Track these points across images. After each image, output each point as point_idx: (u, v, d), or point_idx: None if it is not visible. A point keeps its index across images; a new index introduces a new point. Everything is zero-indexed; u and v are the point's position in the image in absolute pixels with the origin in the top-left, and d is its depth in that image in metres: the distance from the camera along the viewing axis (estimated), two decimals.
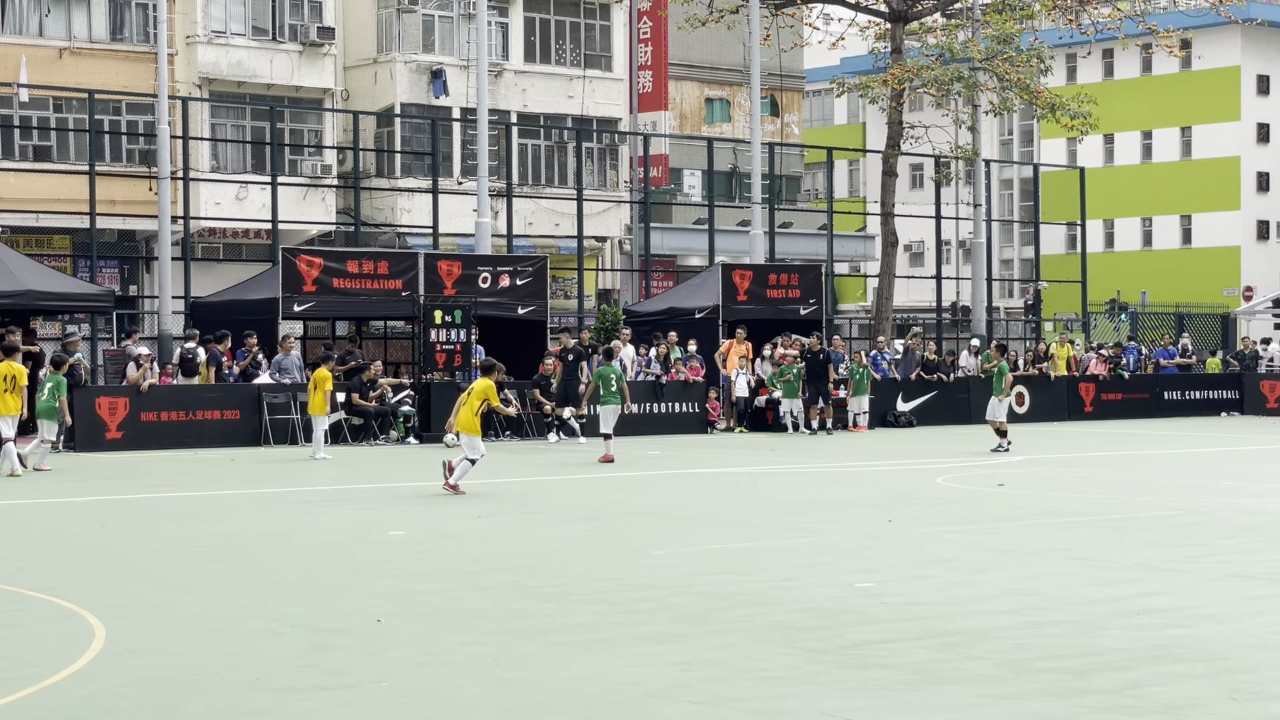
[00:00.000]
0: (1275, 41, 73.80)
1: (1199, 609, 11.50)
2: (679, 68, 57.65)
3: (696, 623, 11.01)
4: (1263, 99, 74.07)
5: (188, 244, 37.85)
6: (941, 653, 9.89)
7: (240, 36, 47.44)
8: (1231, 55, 73.14)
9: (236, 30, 47.48)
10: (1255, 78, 73.94)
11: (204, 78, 46.55)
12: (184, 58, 46.49)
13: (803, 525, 17.18)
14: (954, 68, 42.94)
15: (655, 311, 39.05)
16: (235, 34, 47.40)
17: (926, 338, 45.61)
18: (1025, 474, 23.99)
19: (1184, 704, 8.46)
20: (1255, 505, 19.03)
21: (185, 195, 37.68)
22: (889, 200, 44.31)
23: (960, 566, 13.80)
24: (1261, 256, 71.18)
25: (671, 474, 24.26)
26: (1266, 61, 74.11)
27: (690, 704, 8.57)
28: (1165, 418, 41.81)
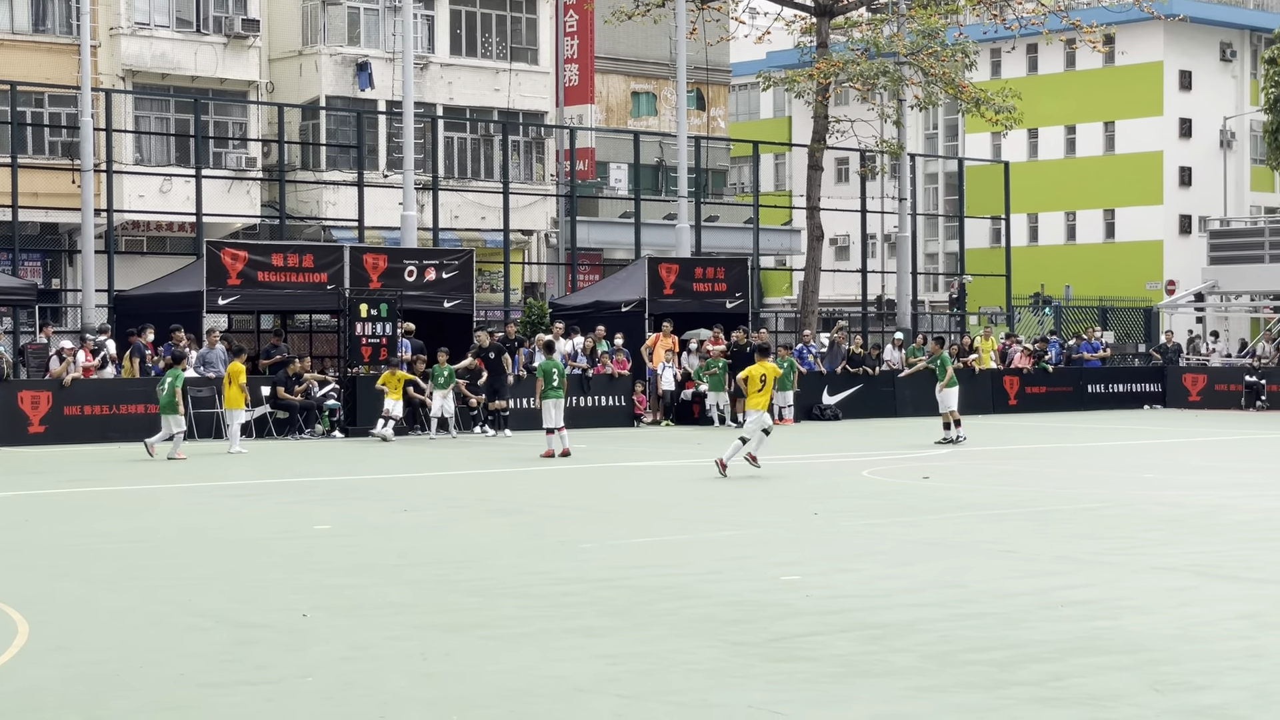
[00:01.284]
0: (1197, 37, 74.54)
1: (1122, 601, 11.59)
2: (605, 61, 57.63)
3: (623, 616, 11.01)
4: (1185, 94, 74.79)
5: (111, 237, 37.53)
6: (867, 645, 9.92)
7: (164, 28, 47.05)
8: (1154, 51, 73.79)
9: (160, 22, 47.09)
10: (1178, 73, 74.64)
11: (127, 69, 46.14)
12: (107, 49, 46.05)
13: (729, 518, 17.21)
14: (879, 62, 43.13)
15: (581, 305, 39.02)
16: (159, 26, 47.02)
17: (852, 331, 45.82)
18: (950, 467, 24.13)
19: (1107, 695, 8.52)
20: (1177, 498, 19.21)
21: (109, 188, 37.37)
22: (815, 194, 44.46)
23: (885, 559, 13.86)
24: (1184, 251, 71.87)
25: (598, 467, 24.25)
26: (1189, 57, 74.83)
27: (617, 697, 8.57)
28: (1088, 410, 42.17)
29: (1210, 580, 12.61)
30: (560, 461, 24.88)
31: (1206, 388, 44.22)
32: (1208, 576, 12.80)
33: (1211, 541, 15.03)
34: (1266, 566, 13.37)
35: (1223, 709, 8.20)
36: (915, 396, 39.63)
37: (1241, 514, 17.37)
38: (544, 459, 25.26)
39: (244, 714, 8.28)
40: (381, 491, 20.64)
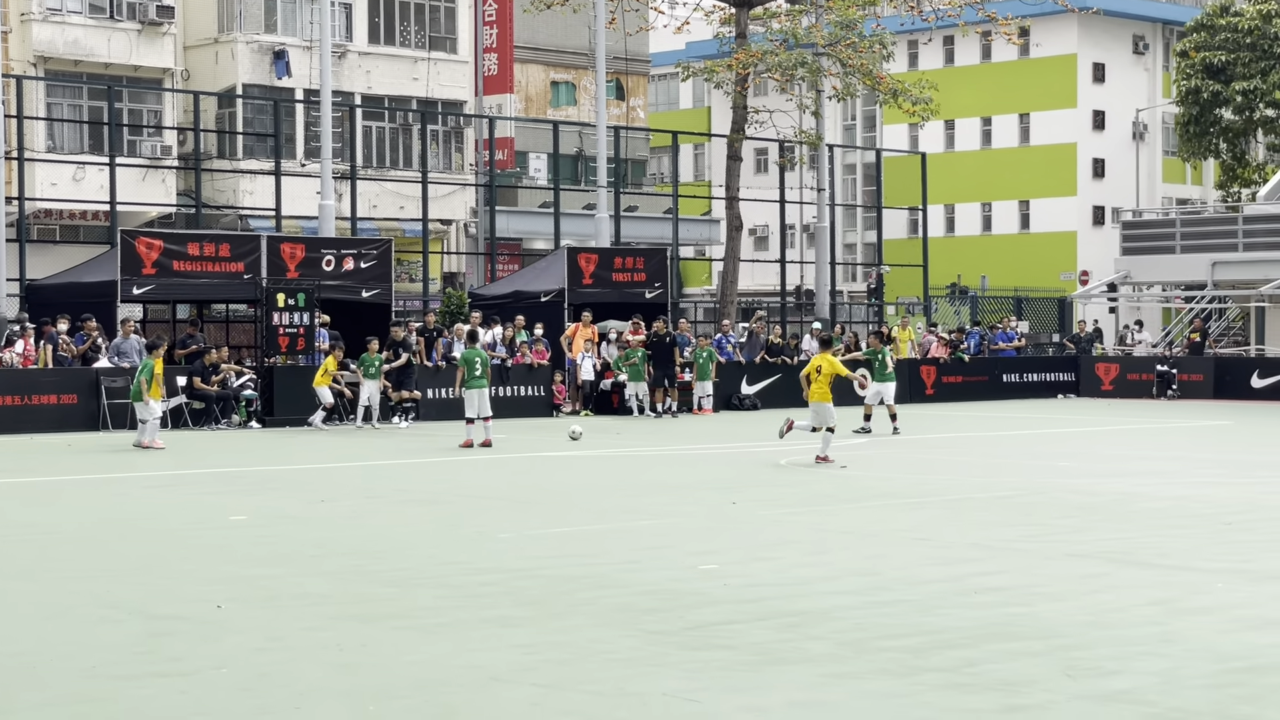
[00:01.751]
0: (1111, 30, 75.24)
1: (1035, 588, 11.71)
2: (524, 50, 57.52)
3: (540, 606, 11.01)
4: (1098, 87, 75.49)
5: (23, 225, 37.06)
6: (783, 633, 9.97)
7: (77, 15, 46.53)
8: (1068, 43, 74.44)
9: (73, 8, 46.56)
10: (1091, 66, 75.32)
11: (40, 56, 45.59)
12: (19, 35, 45.48)
13: (647, 508, 17.24)
14: (798, 53, 43.28)
15: (501, 295, 38.94)
16: (72, 12, 46.48)
17: (771, 321, 45.97)
18: (866, 456, 24.26)
19: (1019, 681, 8.61)
20: (1090, 485, 19.41)
21: (20, 176, 36.89)
22: (734, 184, 44.56)
23: (802, 548, 13.93)
24: (1097, 241, 72.56)
25: (516, 457, 24.21)
26: (1102, 50, 75.53)
27: (533, 686, 8.57)
28: (1004, 400, 42.52)
29: (1122, 567, 12.76)
30: (479, 451, 24.83)
31: (1119, 377, 44.69)
32: (1119, 563, 12.95)
33: (1123, 529, 15.20)
34: (1177, 553, 13.54)
35: (1133, 694, 8.30)
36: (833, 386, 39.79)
37: (1153, 502, 17.58)
38: (463, 449, 25.20)
39: (157, 706, 8.22)
40: (299, 482, 20.53)
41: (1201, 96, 62.70)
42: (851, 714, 7.94)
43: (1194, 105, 63.21)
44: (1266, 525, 15.49)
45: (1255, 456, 24.56)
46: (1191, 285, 50.82)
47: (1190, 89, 63.04)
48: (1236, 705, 8.08)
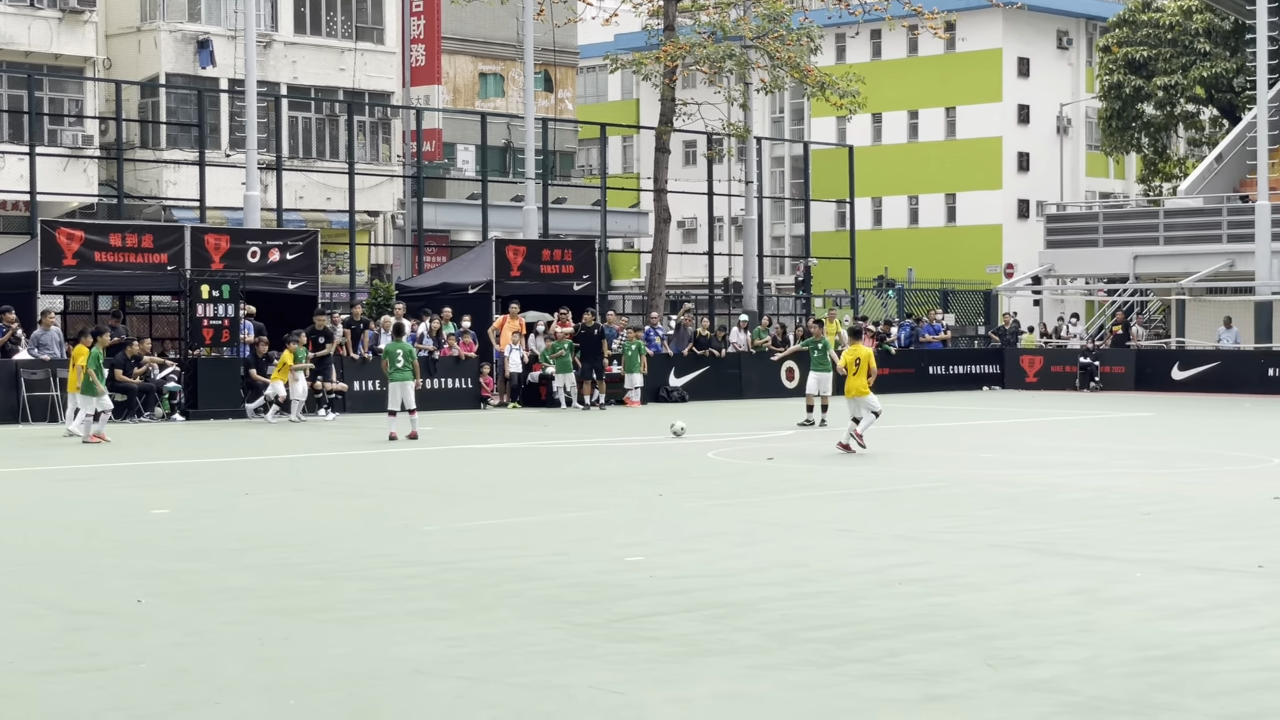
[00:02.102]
0: (1035, 24, 75.78)
1: (958, 578, 11.78)
2: (452, 42, 57.33)
3: (466, 598, 10.98)
4: (1023, 81, 76.04)
5: None
6: (709, 625, 9.99)
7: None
8: (993, 38, 74.93)
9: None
10: (1016, 60, 75.86)
11: None
12: None
13: (574, 500, 17.23)
14: (726, 45, 43.35)
15: (428, 287, 38.82)
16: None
17: (698, 313, 46.06)
18: (794, 448, 24.34)
19: (941, 671, 8.65)
20: (1013, 477, 19.55)
21: None
22: (662, 177, 44.59)
23: (729, 539, 13.95)
24: (1022, 234, 73.11)
25: (444, 450, 24.15)
26: (1026, 44, 76.08)
27: (459, 679, 8.54)
28: (930, 392, 42.75)
29: (1043, 557, 12.86)
30: (406, 444, 24.74)
31: (1043, 369, 45.05)
32: (1041, 553, 13.05)
33: (1045, 519, 15.32)
34: (1098, 543, 13.65)
35: (1053, 682, 8.36)
36: (761, 378, 40.01)
37: (1074, 492, 17.72)
38: (389, 441, 25.11)
39: (76, 702, 8.14)
40: (222, 475, 20.39)
41: (1124, 91, 63.28)
42: (776, 705, 7.96)
43: (1116, 100, 63.79)
44: (1185, 515, 15.65)
45: (1175, 448, 24.81)
46: (1114, 278, 51.29)
47: (1113, 84, 63.60)
48: (1155, 693, 8.15)
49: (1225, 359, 42.96)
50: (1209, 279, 47.34)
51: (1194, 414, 33.69)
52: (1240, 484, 18.98)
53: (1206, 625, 9.92)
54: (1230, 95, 62.38)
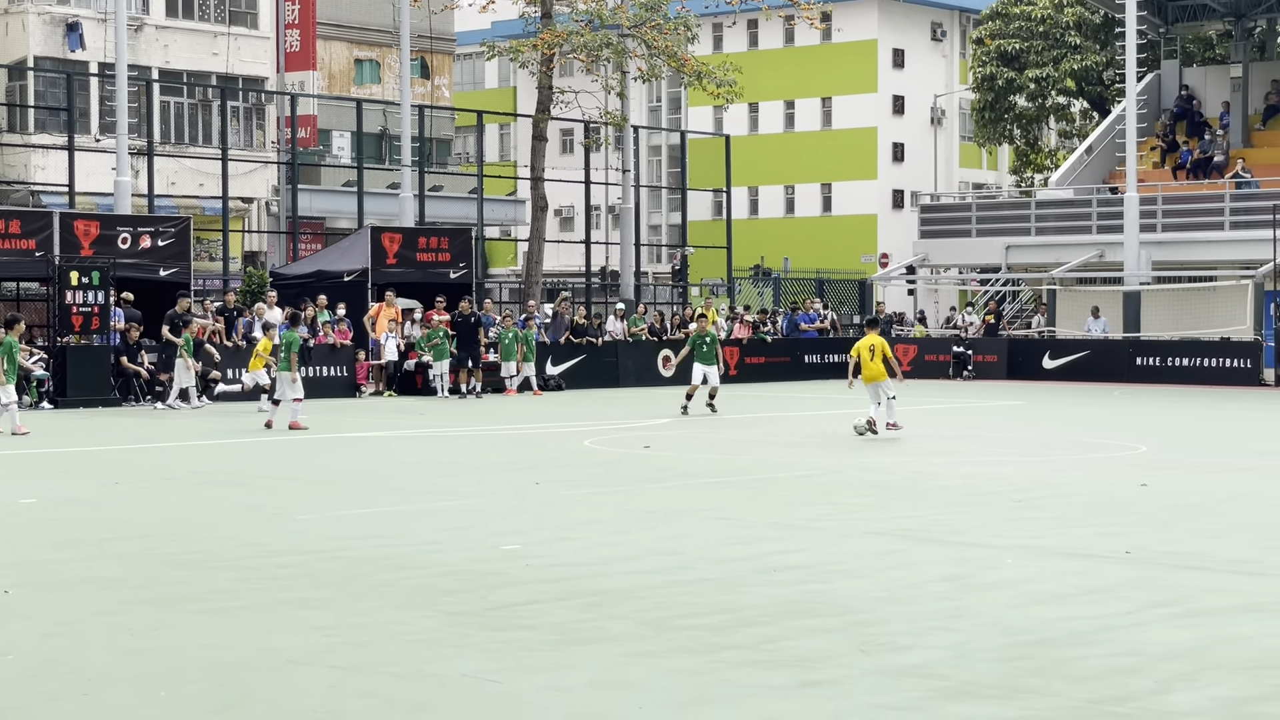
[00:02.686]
0: (910, 16, 76.49)
1: (832, 565, 11.87)
2: (327, 27, 56.84)
3: (340, 587, 10.90)
4: (898, 72, 76.71)
5: None
6: (584, 613, 9.99)
7: None
8: (868, 29, 75.52)
9: None
10: (891, 51, 76.51)
11: None
12: None
13: (450, 488, 17.16)
14: (603, 34, 43.33)
15: (303, 274, 38.46)
16: None
17: (576, 302, 46.04)
18: (670, 436, 24.41)
19: (816, 657, 8.71)
20: (887, 465, 19.73)
21: None
22: (539, 165, 44.50)
23: (605, 528, 13.96)
24: (896, 224, 73.78)
25: (319, 438, 23.95)
26: (901, 35, 76.76)
27: (331, 669, 8.48)
28: (806, 380, 43.03)
29: (916, 544, 12.99)
30: (281, 433, 24.52)
31: (916, 358, 45.46)
32: (914, 540, 13.18)
33: (918, 507, 15.48)
34: (969, 530, 13.81)
35: (924, 668, 8.45)
36: (638, 367, 40.09)
37: (947, 480, 17.92)
38: (265, 429, 24.88)
39: None
40: (91, 464, 20.10)
41: (996, 83, 64.03)
42: (652, 692, 7.98)
43: (989, 92, 64.54)
44: (1055, 502, 15.87)
45: (1045, 435, 25.16)
46: (986, 268, 51.90)
47: (986, 76, 64.34)
48: (1024, 678, 8.26)
49: (1094, 348, 43.62)
50: (1079, 269, 48.05)
51: (1064, 402, 34.18)
52: (1109, 471, 19.28)
53: (1075, 611, 10.07)
54: (1100, 88, 63.35)
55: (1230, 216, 46.60)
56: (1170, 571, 11.66)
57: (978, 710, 7.60)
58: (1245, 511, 15.26)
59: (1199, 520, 14.58)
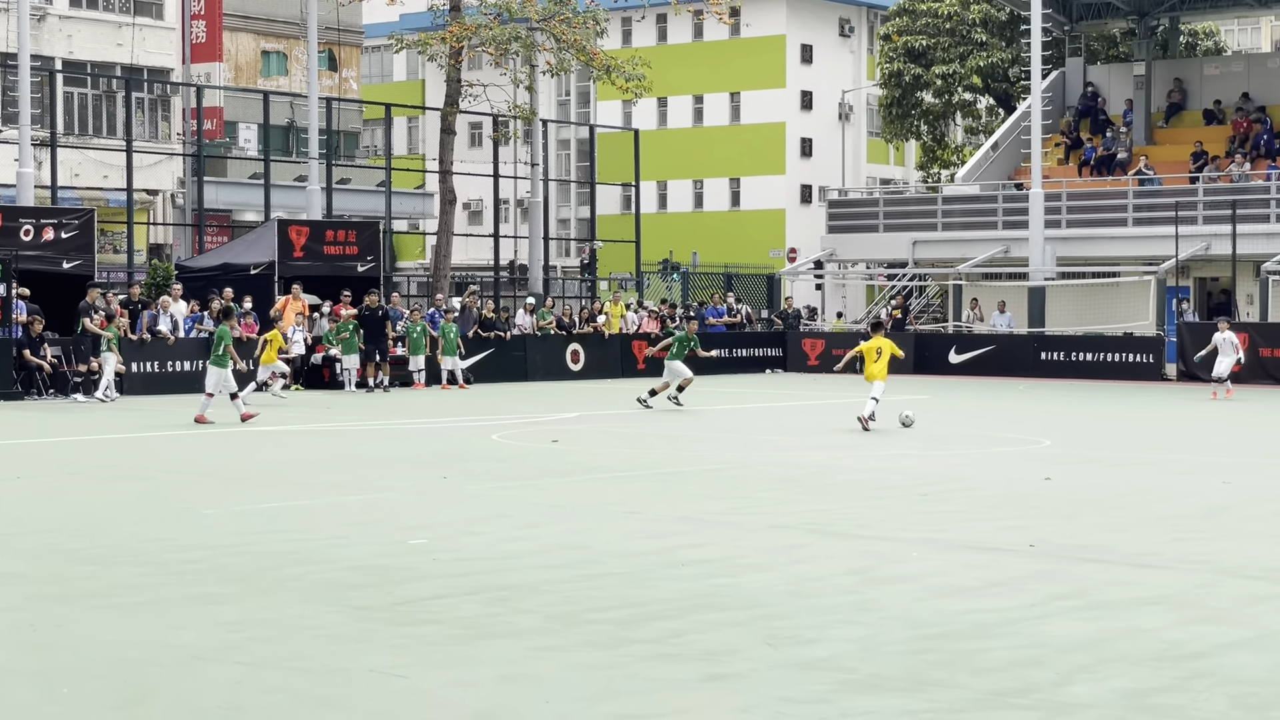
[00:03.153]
0: (818, 12, 76.81)
1: (740, 559, 11.91)
2: (234, 19, 56.34)
3: (246, 583, 10.83)
4: (806, 67, 77.00)
5: None
6: (492, 607, 9.98)
7: None
8: (777, 24, 75.76)
9: None
10: (799, 47, 76.78)
11: None
12: None
13: (357, 483, 17.08)
14: (512, 27, 43.25)
15: (209, 267, 38.15)
16: None
17: (484, 296, 45.92)
18: (578, 430, 24.41)
19: (722, 650, 8.75)
20: (795, 459, 19.83)
21: None
22: (447, 158, 44.36)
23: (512, 522, 13.95)
24: (804, 220, 74.06)
25: (225, 432, 23.76)
26: (810, 31, 77.05)
27: (237, 665, 8.42)
28: (713, 374, 43.08)
29: (823, 538, 13.06)
30: (186, 427, 24.32)
31: (824, 352, 45.69)
32: (820, 534, 13.26)
33: (825, 501, 15.57)
34: (876, 524, 13.91)
35: (830, 661, 8.50)
36: (546, 361, 40.06)
37: (853, 474, 18.04)
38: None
39: None
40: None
41: (903, 79, 64.44)
42: (559, 686, 7.98)
43: (896, 88, 64.94)
44: (960, 496, 16.02)
45: (951, 430, 25.37)
46: (894, 263, 52.25)
47: (893, 72, 64.73)
48: (929, 670, 8.33)
49: (1000, 343, 44.01)
50: (985, 264, 48.46)
51: (969, 397, 34.48)
52: (1013, 465, 19.48)
53: (979, 604, 10.16)
54: (1006, 85, 63.91)
55: (1133, 213, 47.18)
56: (1073, 564, 11.79)
57: (883, 703, 7.66)
58: (1147, 505, 15.46)
59: (1102, 514, 14.75)
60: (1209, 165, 48.63)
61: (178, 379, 32.74)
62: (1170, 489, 16.81)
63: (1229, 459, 20.37)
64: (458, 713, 7.54)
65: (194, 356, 32.94)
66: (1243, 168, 47.29)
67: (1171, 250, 42.96)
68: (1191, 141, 50.54)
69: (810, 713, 7.47)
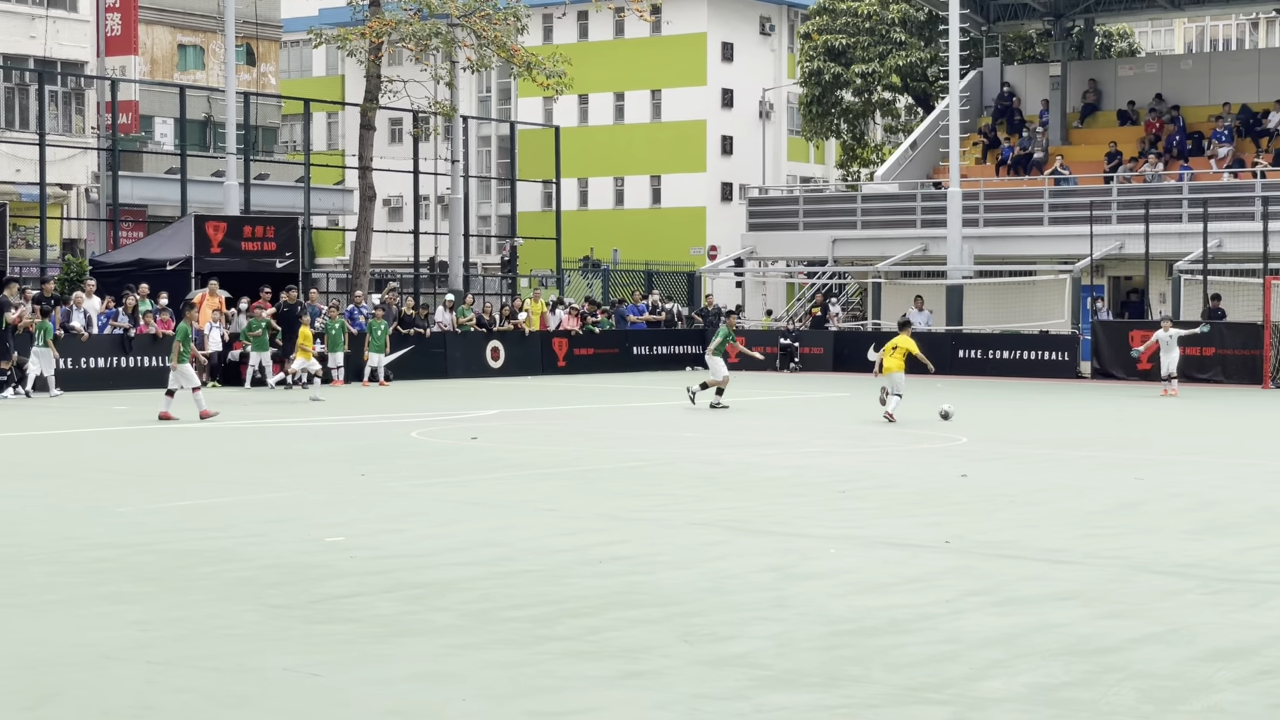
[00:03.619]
0: (738, 10, 77.01)
1: (658, 556, 11.92)
2: (150, 12, 55.81)
3: (159, 581, 10.72)
4: (727, 65, 77.20)
5: None
6: (409, 605, 9.93)
7: None
8: (698, 22, 75.91)
9: None
10: (720, 45, 76.97)
11: None
12: None
13: (274, 480, 16.96)
14: (432, 23, 43.07)
15: (125, 263, 37.77)
16: None
17: (404, 292, 45.72)
18: (498, 428, 24.36)
19: (639, 648, 8.74)
20: (714, 456, 19.87)
21: None
22: (367, 154, 44.13)
23: (431, 519, 13.90)
24: (725, 217, 74.28)
25: (139, 430, 23.54)
26: (730, 29, 77.26)
27: (149, 664, 8.34)
28: (634, 372, 43.19)
29: (741, 535, 13.09)
30: (98, 423, 24.07)
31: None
32: (739, 531, 13.28)
33: (744, 498, 15.60)
34: (794, 521, 13.96)
35: (747, 657, 8.52)
36: (466, 358, 39.95)
37: (773, 471, 18.09)
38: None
39: None
40: None
41: (823, 78, 64.73)
42: (475, 684, 7.95)
43: (816, 86, 65.22)
44: (878, 493, 16.10)
45: (869, 427, 25.48)
46: (814, 261, 52.44)
47: (813, 70, 65.00)
48: (844, 666, 8.37)
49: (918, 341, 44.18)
50: (904, 263, 48.74)
51: None
52: (930, 462, 19.60)
53: (895, 599, 10.22)
54: (924, 84, 64.31)
55: (1049, 212, 47.58)
56: (987, 560, 11.88)
57: (798, 699, 7.68)
58: (1060, 501, 15.59)
59: (1016, 510, 14.87)
60: (1123, 165, 49.12)
61: (91, 376, 32.44)
62: (1083, 485, 16.96)
63: (1141, 455, 20.59)
64: (372, 711, 7.50)
65: (108, 353, 32.68)
66: (1156, 168, 47.80)
67: (1086, 249, 43.35)
68: (1106, 142, 51.02)
69: (725, 709, 7.48)
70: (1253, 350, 34.48)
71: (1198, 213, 42.84)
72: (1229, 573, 11.39)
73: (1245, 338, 37.69)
